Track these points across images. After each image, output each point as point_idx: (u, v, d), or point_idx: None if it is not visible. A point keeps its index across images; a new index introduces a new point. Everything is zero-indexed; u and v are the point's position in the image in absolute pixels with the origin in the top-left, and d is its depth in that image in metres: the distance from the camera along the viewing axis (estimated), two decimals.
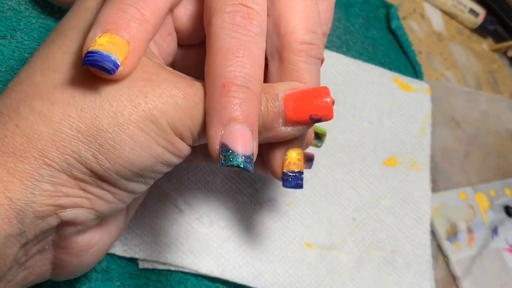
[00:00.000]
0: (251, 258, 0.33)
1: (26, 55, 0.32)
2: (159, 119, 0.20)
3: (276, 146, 0.24)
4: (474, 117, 0.53)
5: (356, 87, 0.45)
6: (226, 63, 0.20)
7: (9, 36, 0.33)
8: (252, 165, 0.20)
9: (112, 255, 0.30)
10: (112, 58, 0.18)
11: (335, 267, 0.36)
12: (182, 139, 0.21)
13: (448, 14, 0.59)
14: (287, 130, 0.23)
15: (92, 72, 0.19)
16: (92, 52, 0.18)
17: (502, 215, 0.48)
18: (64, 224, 0.20)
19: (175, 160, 0.22)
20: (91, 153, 0.19)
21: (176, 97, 0.20)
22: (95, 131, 0.19)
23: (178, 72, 0.22)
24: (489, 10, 0.60)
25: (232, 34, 0.21)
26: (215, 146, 0.20)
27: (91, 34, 0.19)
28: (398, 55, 0.50)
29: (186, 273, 0.32)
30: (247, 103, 0.20)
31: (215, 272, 0.32)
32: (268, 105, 0.22)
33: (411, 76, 0.49)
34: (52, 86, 0.19)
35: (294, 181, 0.24)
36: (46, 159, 0.19)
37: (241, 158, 0.20)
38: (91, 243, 0.23)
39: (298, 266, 0.35)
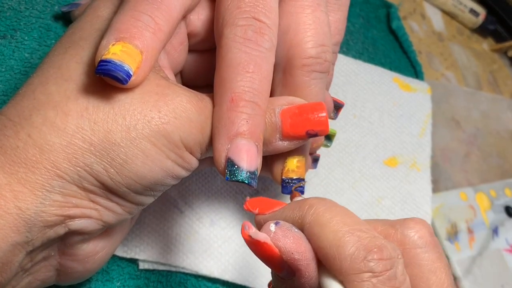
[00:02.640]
0: (251, 258, 0.33)
1: (26, 54, 0.32)
2: (171, 134, 0.20)
3: (276, 154, 0.25)
4: (475, 117, 0.53)
5: (357, 87, 0.45)
6: (236, 77, 0.20)
7: (9, 36, 0.33)
8: (256, 180, 0.21)
9: (112, 256, 0.30)
10: (125, 68, 0.18)
11: None
12: (191, 153, 0.21)
13: (448, 14, 0.59)
14: (283, 145, 0.23)
15: (105, 80, 0.19)
16: (105, 61, 0.18)
17: (503, 215, 0.48)
18: (71, 233, 0.20)
19: (184, 174, 0.22)
20: (102, 166, 0.19)
21: (189, 112, 0.20)
22: (107, 145, 0.19)
23: (185, 88, 0.22)
24: (490, 10, 0.60)
25: (243, 48, 0.21)
26: (221, 160, 0.20)
27: (104, 42, 0.19)
28: (399, 55, 0.50)
29: (186, 274, 0.32)
30: (254, 118, 0.21)
31: (215, 273, 0.32)
32: (266, 120, 0.22)
33: (412, 76, 0.49)
34: (65, 96, 0.19)
35: (293, 188, 0.24)
36: (57, 171, 0.19)
37: (246, 173, 0.20)
38: (96, 250, 0.23)
39: None
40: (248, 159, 0.20)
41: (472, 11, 0.58)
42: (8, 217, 0.18)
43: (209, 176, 0.35)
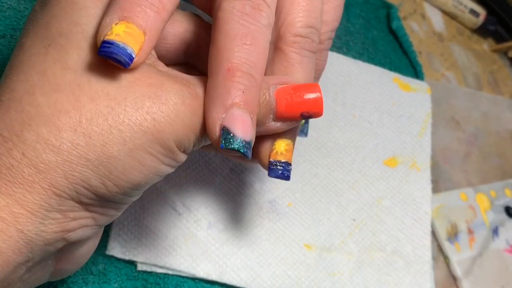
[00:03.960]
0: (249, 260, 0.33)
1: None
2: (166, 141, 0.20)
3: (265, 136, 0.24)
4: (475, 118, 0.53)
5: (356, 87, 0.45)
6: (234, 48, 0.20)
7: (9, 35, 0.33)
8: (251, 151, 0.21)
9: (110, 258, 0.30)
10: (128, 51, 0.18)
11: (335, 268, 0.36)
12: (184, 152, 0.21)
13: (448, 15, 0.59)
14: (276, 125, 0.23)
15: (106, 61, 0.19)
16: (108, 42, 0.18)
17: (503, 215, 0.48)
18: (69, 243, 0.20)
19: (172, 171, 0.22)
20: (100, 180, 0.19)
21: (183, 115, 0.20)
22: (104, 159, 0.19)
23: (179, 76, 0.21)
24: (490, 11, 0.59)
25: (241, 21, 0.21)
26: (215, 128, 0.20)
27: (107, 20, 0.19)
28: (399, 56, 0.50)
29: (184, 276, 0.32)
30: (250, 90, 0.20)
31: (213, 276, 0.31)
32: (260, 100, 0.22)
33: (412, 76, 0.49)
34: (56, 110, 0.18)
35: (279, 171, 0.24)
36: (55, 189, 0.18)
37: (242, 142, 0.20)
38: (90, 250, 0.23)
39: (298, 267, 0.35)
40: (243, 128, 0.20)
41: (472, 11, 0.58)
42: (10, 240, 0.18)
43: (208, 177, 0.35)
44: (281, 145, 0.24)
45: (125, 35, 0.18)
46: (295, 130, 0.25)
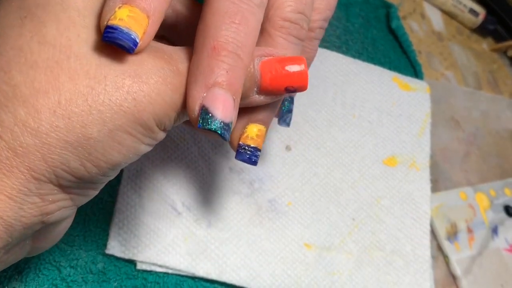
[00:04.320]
0: (249, 259, 0.33)
1: None
2: (147, 120, 0.19)
3: (238, 117, 0.23)
4: (474, 117, 0.53)
5: (356, 86, 0.45)
6: (221, 26, 0.20)
7: None
8: (229, 133, 0.20)
9: (109, 257, 0.30)
10: (132, 36, 0.18)
11: (334, 267, 0.36)
12: (164, 130, 0.21)
13: (448, 14, 0.59)
14: (260, 98, 0.22)
15: (110, 45, 0.18)
16: (112, 27, 0.18)
17: (502, 215, 0.48)
18: (47, 224, 0.20)
19: (150, 149, 0.21)
20: (79, 162, 0.18)
21: (164, 94, 0.19)
22: (84, 140, 0.18)
23: (161, 50, 0.20)
24: (489, 10, 0.59)
25: None
26: (194, 107, 0.19)
27: (110, 3, 0.18)
28: (398, 55, 0.50)
29: (183, 275, 0.32)
30: (235, 70, 0.20)
31: (213, 275, 0.32)
32: None
33: (412, 76, 0.49)
34: (34, 90, 0.18)
35: (247, 155, 0.23)
36: (33, 173, 0.18)
37: (220, 123, 0.19)
38: (66, 227, 0.22)
39: (297, 267, 0.35)
40: (223, 109, 0.19)
41: (472, 11, 0.58)
42: None
43: (207, 177, 0.35)
44: (253, 129, 0.24)
45: (129, 19, 0.18)
46: (270, 115, 0.25)
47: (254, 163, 0.23)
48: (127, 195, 0.32)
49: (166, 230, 0.32)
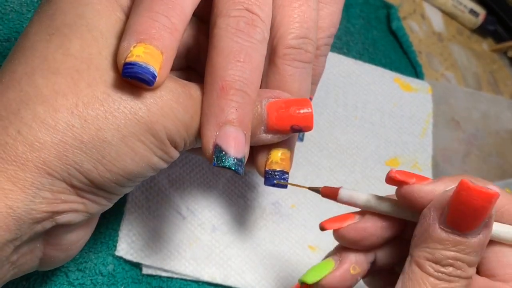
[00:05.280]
0: (254, 263, 0.33)
1: None
2: (159, 132, 0.20)
3: (261, 146, 0.25)
4: (474, 118, 0.53)
5: (357, 88, 0.45)
6: (227, 65, 0.21)
7: (13, 38, 0.33)
8: (243, 168, 0.21)
9: (119, 259, 0.30)
10: (151, 70, 0.19)
11: None
12: (175, 147, 0.22)
13: (448, 15, 0.59)
14: (267, 137, 0.24)
15: (131, 83, 0.19)
16: (130, 64, 0.19)
17: None
18: (57, 225, 0.20)
19: (165, 166, 0.22)
20: (92, 164, 0.19)
21: (176, 111, 0.21)
22: (98, 143, 0.19)
23: (175, 78, 0.22)
24: (489, 11, 0.60)
25: (235, 38, 0.21)
26: (209, 146, 0.21)
27: (125, 44, 0.19)
28: (399, 56, 0.51)
29: (187, 280, 0.32)
30: (243, 107, 0.21)
31: (218, 279, 0.32)
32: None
33: (412, 76, 0.49)
34: (54, 91, 0.19)
35: (275, 180, 0.24)
36: (47, 168, 0.19)
37: (233, 160, 0.21)
38: (79, 238, 0.23)
39: (302, 269, 0.35)
40: (235, 146, 0.21)
41: (472, 11, 0.58)
42: None
43: (211, 180, 0.35)
44: (277, 154, 0.25)
45: (145, 55, 0.19)
46: (292, 139, 0.26)
47: (284, 186, 0.24)
48: (135, 196, 0.32)
49: (171, 234, 0.32)
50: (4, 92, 0.19)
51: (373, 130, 0.43)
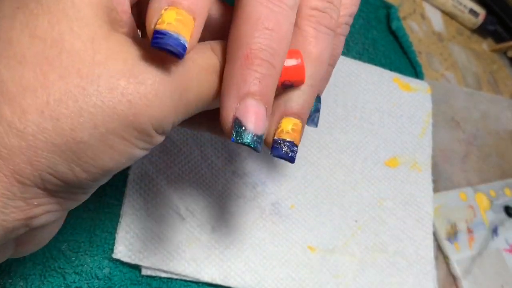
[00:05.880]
0: (253, 263, 0.33)
1: None
2: (143, 124, 0.18)
3: (272, 111, 0.22)
4: (474, 118, 0.53)
5: (357, 88, 0.45)
6: (254, 33, 0.19)
7: None
8: (262, 145, 0.20)
9: (115, 262, 0.30)
10: (182, 41, 0.17)
11: (338, 270, 0.36)
12: (162, 133, 0.19)
13: (448, 15, 0.59)
14: None
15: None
16: (161, 32, 0.17)
17: (502, 215, 0.48)
18: (32, 228, 0.19)
19: (146, 153, 0.20)
20: (67, 166, 0.17)
21: (162, 95, 0.18)
22: (73, 144, 0.17)
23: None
24: (489, 11, 0.59)
25: (265, 3, 0.19)
26: (228, 119, 0.19)
27: (155, 4, 0.17)
28: (399, 56, 0.50)
29: (187, 280, 0.32)
30: (267, 79, 0.19)
31: (217, 280, 0.31)
32: None
33: (412, 76, 0.49)
34: (22, 87, 0.16)
35: (283, 150, 0.22)
36: (18, 176, 0.17)
37: (253, 137, 0.19)
38: (52, 231, 0.21)
39: (301, 270, 0.35)
40: (256, 121, 0.19)
41: (472, 11, 0.58)
42: None
43: (209, 181, 0.35)
44: (289, 123, 0.22)
45: (177, 23, 0.17)
46: (305, 108, 0.23)
47: (292, 158, 0.22)
48: (133, 198, 0.32)
49: (170, 235, 0.32)
50: None
51: (372, 130, 0.43)
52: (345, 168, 0.41)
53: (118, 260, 0.30)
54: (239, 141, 0.19)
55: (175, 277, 0.31)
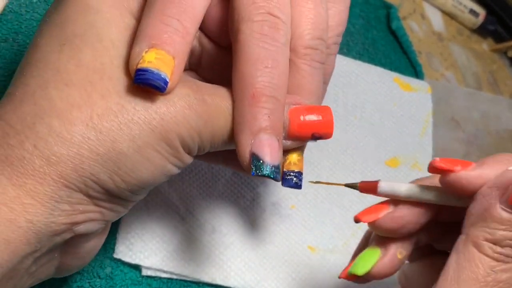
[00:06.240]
0: (253, 263, 0.33)
1: None
2: (173, 140, 0.20)
3: None
4: (474, 118, 0.53)
5: (357, 88, 0.45)
6: (256, 73, 0.21)
7: (11, 39, 0.32)
8: (280, 174, 0.22)
9: (116, 261, 0.30)
10: (162, 76, 0.19)
11: (338, 270, 0.36)
12: (189, 153, 0.22)
13: (448, 15, 0.59)
14: (287, 144, 0.23)
15: (143, 90, 0.20)
16: (142, 70, 0.19)
17: None
18: (76, 235, 0.21)
19: (178, 172, 0.22)
20: (108, 175, 0.20)
21: (189, 118, 0.21)
22: (113, 155, 0.19)
23: (190, 81, 0.22)
24: (489, 10, 0.59)
25: (261, 44, 0.21)
26: (245, 155, 0.21)
27: (137, 49, 0.20)
28: (399, 56, 0.50)
29: (188, 280, 0.32)
30: (275, 113, 0.21)
31: (218, 280, 0.32)
32: None
33: (412, 76, 0.49)
34: (69, 104, 0.19)
35: (293, 181, 0.24)
36: (65, 181, 0.19)
37: (271, 168, 0.21)
38: (96, 245, 0.23)
39: (301, 270, 0.35)
40: (271, 154, 0.21)
41: (472, 11, 0.58)
42: (19, 230, 0.18)
43: (210, 182, 0.35)
44: (294, 155, 0.25)
45: (157, 61, 0.19)
46: (305, 144, 0.26)
47: (299, 186, 0.24)
48: None
49: (171, 235, 0.32)
50: (19, 106, 0.19)
51: (372, 130, 0.43)
52: (346, 168, 0.41)
53: (119, 260, 0.30)
54: (259, 173, 0.21)
55: (175, 277, 0.31)
